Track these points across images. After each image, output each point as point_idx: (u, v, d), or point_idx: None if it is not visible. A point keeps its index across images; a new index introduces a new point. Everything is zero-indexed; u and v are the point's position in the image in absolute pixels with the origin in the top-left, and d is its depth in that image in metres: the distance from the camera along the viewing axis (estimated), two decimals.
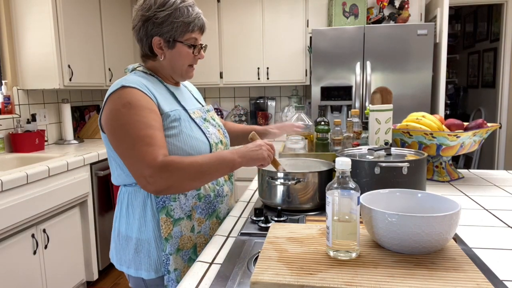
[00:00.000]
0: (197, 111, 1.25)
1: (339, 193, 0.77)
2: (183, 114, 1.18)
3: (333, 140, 1.67)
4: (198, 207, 1.19)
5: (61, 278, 2.35)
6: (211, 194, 1.22)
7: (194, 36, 1.18)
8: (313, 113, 3.26)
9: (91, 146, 2.96)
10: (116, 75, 3.50)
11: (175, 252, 1.15)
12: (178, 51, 1.17)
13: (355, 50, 3.14)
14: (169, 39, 1.15)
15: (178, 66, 1.19)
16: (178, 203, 1.16)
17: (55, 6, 2.75)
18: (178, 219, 1.16)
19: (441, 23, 3.12)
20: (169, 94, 1.21)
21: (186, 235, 1.17)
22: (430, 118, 1.58)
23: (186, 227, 1.17)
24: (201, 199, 1.20)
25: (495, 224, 1.11)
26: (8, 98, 2.78)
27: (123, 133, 1.05)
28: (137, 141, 1.03)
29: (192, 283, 0.82)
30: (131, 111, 1.05)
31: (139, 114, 1.05)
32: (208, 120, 1.27)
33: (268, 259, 0.78)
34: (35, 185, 2.10)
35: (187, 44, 1.17)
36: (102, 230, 2.74)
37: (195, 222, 1.19)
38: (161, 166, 1.01)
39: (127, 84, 1.08)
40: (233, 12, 3.69)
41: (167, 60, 1.19)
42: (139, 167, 1.02)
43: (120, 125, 1.05)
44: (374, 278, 0.70)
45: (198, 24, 1.17)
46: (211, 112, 1.34)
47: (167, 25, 1.13)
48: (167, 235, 1.14)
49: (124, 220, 1.19)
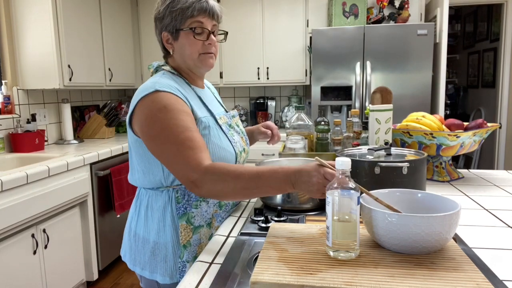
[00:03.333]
0: (223, 116, 1.21)
1: (339, 193, 0.77)
2: (212, 121, 1.14)
3: (333, 140, 1.67)
4: (218, 215, 1.19)
5: (61, 278, 2.35)
6: (229, 203, 1.22)
7: (197, 20, 1.10)
8: (313, 113, 3.26)
9: (91, 146, 2.96)
10: (116, 75, 3.51)
11: (192, 259, 1.12)
12: (183, 41, 1.12)
13: (355, 50, 3.15)
14: (173, 30, 1.12)
15: (187, 56, 1.14)
16: (199, 210, 1.14)
17: (55, 6, 2.75)
18: (198, 227, 1.14)
19: (441, 23, 3.12)
20: (197, 98, 1.17)
21: (205, 243, 1.15)
22: (430, 118, 1.58)
23: (205, 235, 1.15)
24: (221, 207, 1.19)
25: (495, 224, 1.11)
26: (8, 98, 2.78)
27: (163, 138, 1.01)
28: (179, 145, 1.00)
29: (192, 283, 0.82)
30: (167, 115, 1.02)
31: (177, 118, 1.02)
32: (233, 126, 1.23)
33: (268, 259, 0.78)
34: (35, 185, 2.10)
35: (191, 30, 1.11)
36: (102, 230, 2.74)
37: (214, 230, 1.17)
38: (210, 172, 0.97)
39: (161, 89, 1.05)
40: (233, 12, 3.69)
41: (177, 53, 1.15)
42: (185, 172, 0.99)
43: (159, 130, 1.02)
44: (374, 278, 0.70)
45: (197, 7, 1.09)
46: (236, 118, 1.30)
47: (167, 16, 1.12)
48: (186, 242, 1.12)
49: (142, 222, 1.16)
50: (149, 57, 3.95)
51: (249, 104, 4.07)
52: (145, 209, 1.16)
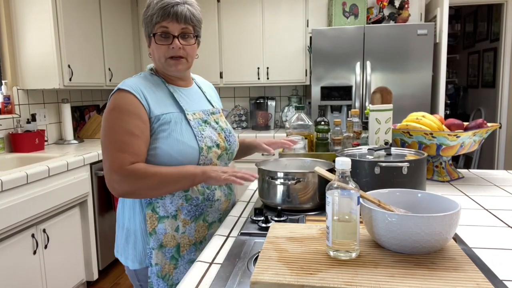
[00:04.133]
0: (199, 112, 1.26)
1: (339, 193, 0.77)
2: (177, 116, 1.19)
3: (333, 140, 1.67)
4: (184, 208, 1.21)
5: (61, 278, 2.35)
6: (199, 197, 1.23)
7: (162, 25, 1.15)
8: (313, 113, 3.26)
9: (91, 146, 2.96)
10: (116, 75, 3.51)
11: (158, 247, 1.19)
12: (153, 45, 1.19)
13: (355, 50, 3.15)
14: (148, 36, 1.21)
15: (157, 60, 1.21)
16: (164, 202, 1.19)
17: (55, 6, 2.75)
18: (163, 217, 1.19)
19: (441, 23, 3.12)
20: (168, 96, 1.22)
21: (170, 233, 1.20)
22: (430, 118, 1.58)
23: (170, 225, 1.20)
24: (188, 201, 1.21)
25: (495, 224, 1.11)
26: (8, 98, 2.78)
27: (104, 135, 1.13)
28: (112, 145, 1.11)
29: (192, 283, 0.82)
30: (115, 116, 1.12)
31: (123, 119, 1.11)
32: (209, 122, 1.27)
33: (268, 259, 0.78)
34: (35, 185, 2.10)
35: (159, 35, 1.16)
36: (102, 230, 2.74)
37: (180, 222, 1.21)
38: (126, 173, 1.08)
39: (122, 87, 1.15)
40: (233, 12, 3.69)
41: (152, 56, 1.23)
42: (108, 171, 1.10)
43: (105, 128, 1.13)
44: (374, 278, 0.70)
45: (161, 13, 1.14)
46: (216, 115, 1.33)
47: (143, 23, 1.21)
48: (151, 230, 1.19)
49: (121, 209, 1.27)
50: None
51: (249, 104, 4.07)
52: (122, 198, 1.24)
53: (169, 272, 1.21)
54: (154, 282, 1.20)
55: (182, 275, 1.22)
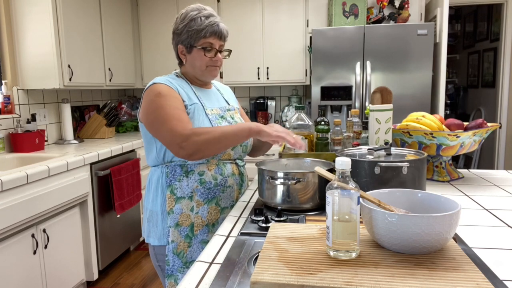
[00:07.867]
0: (216, 109, 1.44)
1: (339, 193, 0.77)
2: (200, 109, 1.37)
3: (333, 140, 1.67)
4: (198, 190, 1.37)
5: (61, 278, 2.35)
6: (212, 182, 1.38)
7: (208, 41, 1.36)
8: (313, 113, 3.26)
9: (91, 146, 2.96)
10: (116, 75, 3.51)
11: (174, 226, 1.36)
12: (195, 55, 1.38)
13: (355, 50, 3.15)
14: (188, 45, 1.38)
15: (197, 67, 1.40)
16: (181, 184, 1.36)
17: (55, 6, 2.75)
18: (180, 198, 1.36)
19: (441, 23, 3.12)
20: (192, 92, 1.41)
21: (185, 213, 1.37)
22: (430, 118, 1.58)
23: (186, 206, 1.37)
24: (202, 184, 1.37)
25: (495, 224, 1.11)
26: (8, 98, 2.78)
27: (157, 114, 1.28)
28: (170, 117, 1.26)
29: (192, 283, 0.82)
30: (161, 98, 1.30)
31: (169, 100, 1.30)
32: (225, 117, 1.44)
33: (268, 259, 0.78)
34: (35, 185, 2.10)
35: (202, 48, 1.36)
36: (102, 230, 2.74)
37: (194, 203, 1.37)
38: (190, 134, 1.23)
39: (156, 81, 1.36)
40: (233, 12, 3.69)
41: (188, 63, 1.41)
42: (172, 137, 1.24)
43: (155, 109, 1.29)
44: (374, 278, 0.70)
45: (209, 31, 1.35)
46: (232, 111, 1.50)
47: (185, 33, 1.37)
48: (169, 210, 1.36)
49: (146, 194, 1.45)
50: (149, 57, 3.95)
51: (249, 104, 4.07)
52: (148, 183, 1.44)
53: (183, 249, 1.37)
54: (170, 259, 1.37)
55: (196, 254, 1.38)
